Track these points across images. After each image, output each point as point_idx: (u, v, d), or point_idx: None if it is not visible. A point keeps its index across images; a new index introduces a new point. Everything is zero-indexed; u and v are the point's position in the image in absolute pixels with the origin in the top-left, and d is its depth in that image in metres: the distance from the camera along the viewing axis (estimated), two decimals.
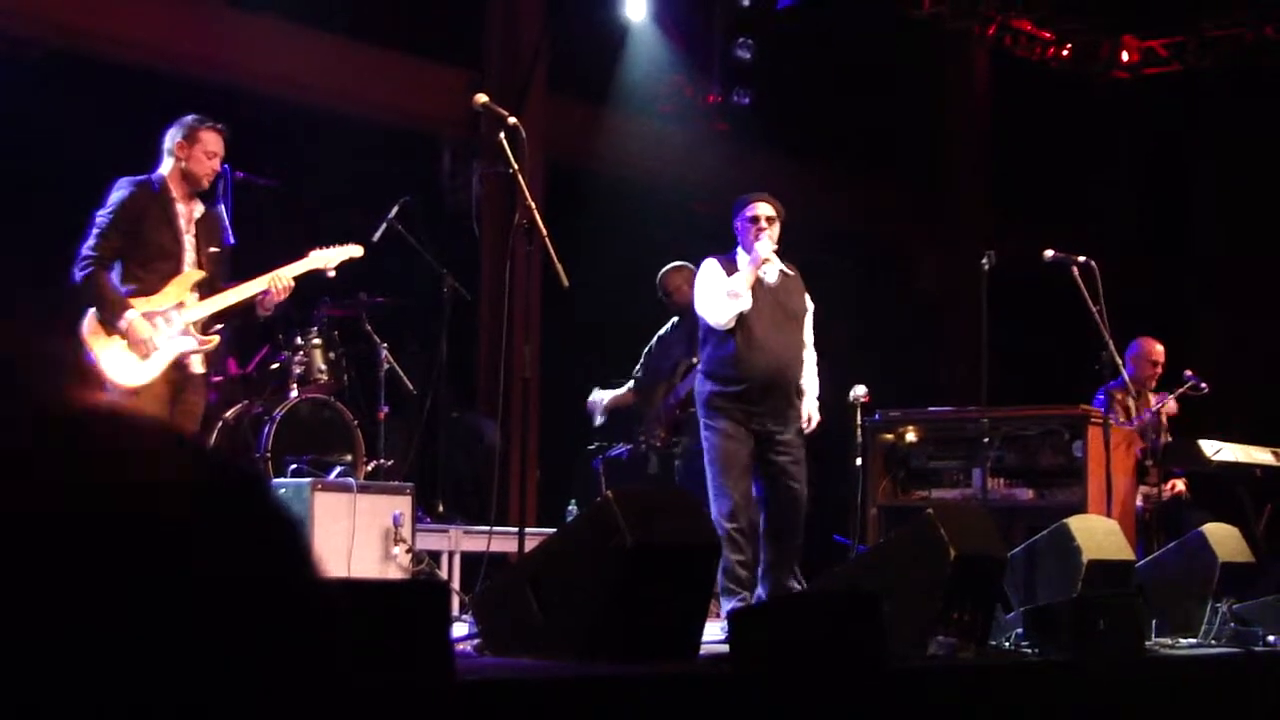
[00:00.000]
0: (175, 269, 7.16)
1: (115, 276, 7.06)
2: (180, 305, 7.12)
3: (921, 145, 15.68)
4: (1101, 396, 10.06)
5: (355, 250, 7.75)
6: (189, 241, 7.24)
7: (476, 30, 12.18)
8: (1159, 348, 10.35)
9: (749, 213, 7.71)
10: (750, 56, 13.08)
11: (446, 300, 9.31)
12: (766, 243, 7.59)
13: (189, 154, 7.25)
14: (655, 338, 9.66)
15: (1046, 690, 5.65)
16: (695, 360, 8.99)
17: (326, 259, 7.64)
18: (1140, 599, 6.57)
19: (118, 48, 10.10)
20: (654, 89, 13.20)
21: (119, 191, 7.11)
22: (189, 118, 7.34)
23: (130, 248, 7.09)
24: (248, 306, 7.37)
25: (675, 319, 9.53)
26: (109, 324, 6.98)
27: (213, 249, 7.32)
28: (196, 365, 7.22)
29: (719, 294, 7.54)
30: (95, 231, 7.03)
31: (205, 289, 7.22)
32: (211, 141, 7.32)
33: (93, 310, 7.01)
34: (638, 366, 9.70)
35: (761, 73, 13.25)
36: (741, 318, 7.51)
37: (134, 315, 6.97)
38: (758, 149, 13.79)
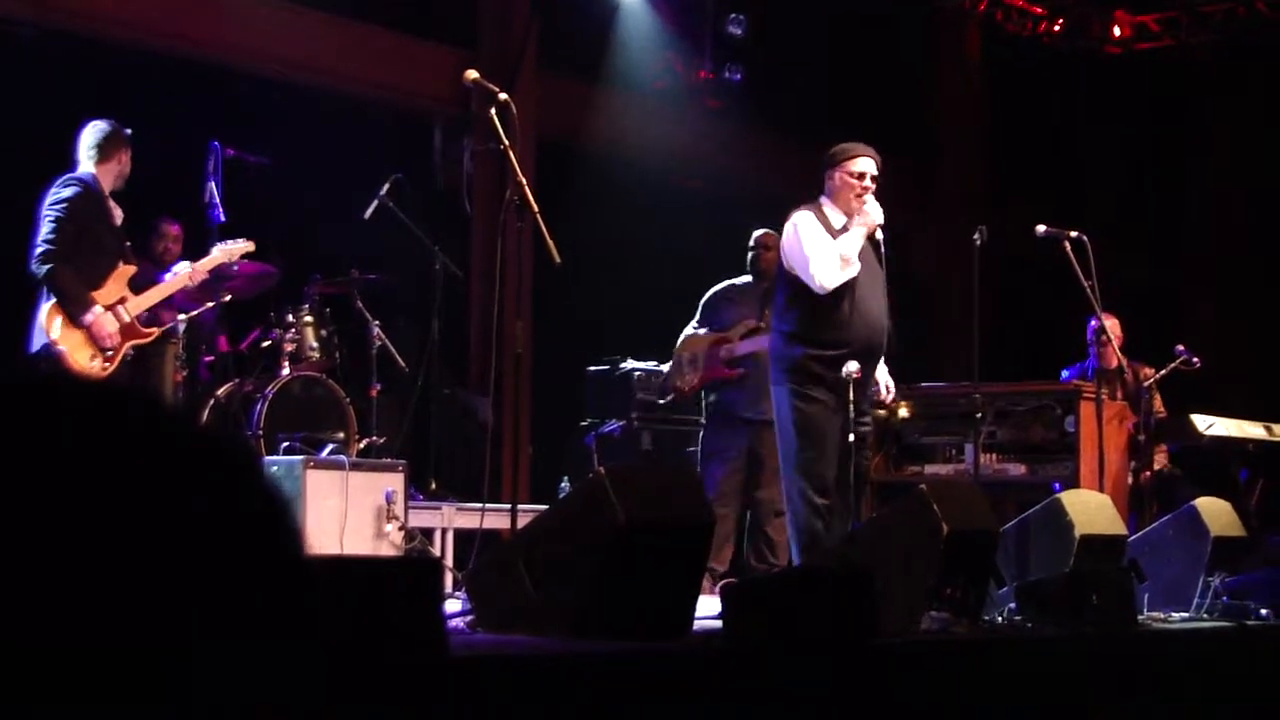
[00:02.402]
0: (114, 265, 7.49)
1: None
2: (123, 300, 7.47)
3: (914, 121, 15.66)
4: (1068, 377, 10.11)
5: (248, 245, 8.08)
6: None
7: (468, 7, 12.15)
8: (1108, 322, 10.37)
9: (854, 167, 7.22)
10: (742, 32, 13.05)
11: (438, 277, 9.31)
12: (877, 206, 7.16)
13: (125, 159, 7.60)
14: (724, 286, 9.14)
15: (1039, 665, 5.65)
16: (761, 324, 8.63)
17: (229, 253, 8.01)
18: (1132, 573, 6.58)
19: (109, 26, 10.07)
20: (645, 65, 13.17)
21: (68, 189, 7.36)
22: (114, 123, 7.62)
23: (79, 244, 7.34)
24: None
25: (751, 277, 9.11)
26: (73, 317, 7.28)
27: (126, 243, 7.68)
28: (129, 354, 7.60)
29: (830, 256, 7.04)
30: (51, 226, 7.26)
31: (136, 283, 7.58)
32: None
33: (51, 302, 7.27)
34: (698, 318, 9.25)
35: (753, 49, 13.23)
36: (848, 281, 7.12)
37: (99, 311, 7.33)
38: (750, 125, 13.79)
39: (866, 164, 7.26)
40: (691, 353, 8.91)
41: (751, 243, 9.07)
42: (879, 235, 7.27)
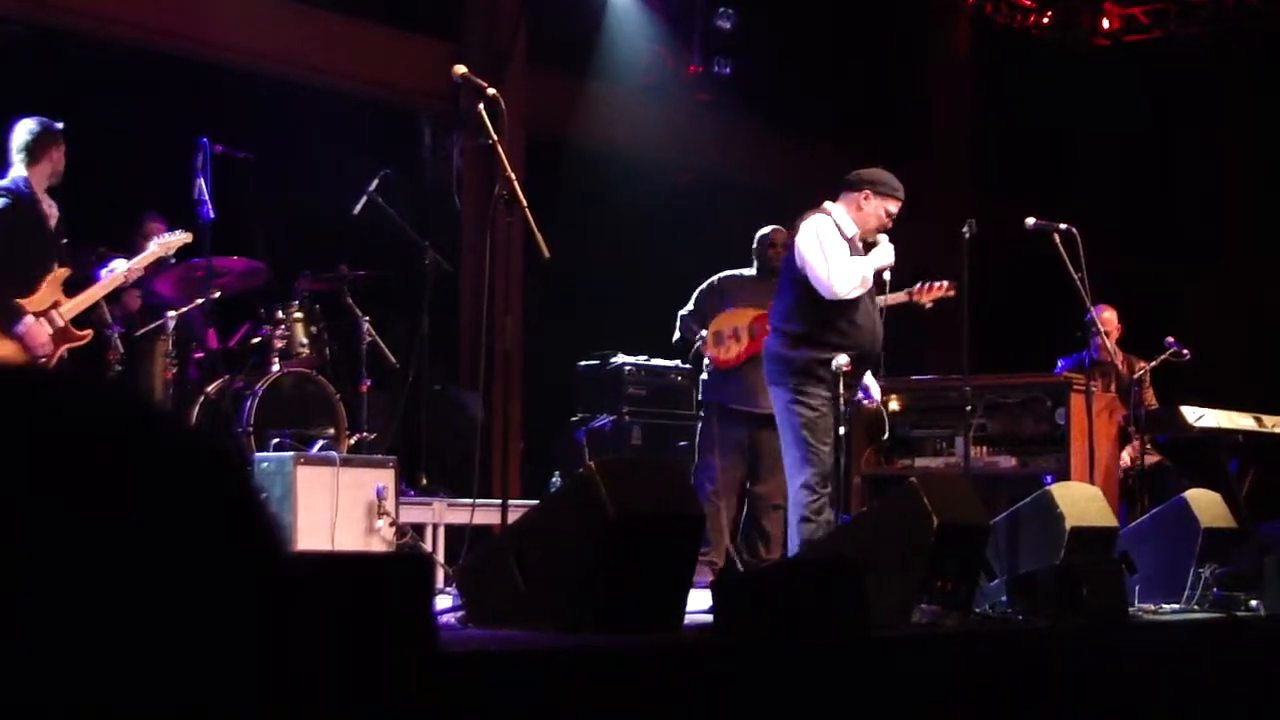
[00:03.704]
0: (48, 269, 7.44)
1: None
2: (56, 304, 7.43)
3: (904, 114, 15.67)
4: (1062, 365, 10.12)
5: (186, 237, 8.04)
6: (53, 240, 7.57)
7: (456, 2, 12.14)
8: (1105, 314, 10.36)
9: (893, 208, 7.56)
10: (731, 26, 13.04)
11: (428, 273, 9.29)
12: (891, 248, 7.52)
13: (58, 156, 7.49)
14: (727, 275, 9.11)
15: (1030, 657, 5.66)
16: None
17: (166, 245, 7.97)
18: (1123, 565, 6.58)
19: (96, 23, 10.05)
20: (634, 60, 13.16)
21: None
22: (45, 120, 7.54)
23: (9, 254, 7.30)
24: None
25: (755, 271, 9.06)
26: (4, 329, 7.27)
27: (63, 241, 7.62)
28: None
29: (853, 270, 7.33)
30: None
31: (71, 285, 7.55)
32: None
33: None
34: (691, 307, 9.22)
35: (742, 43, 13.22)
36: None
37: (31, 321, 7.31)
38: (739, 119, 13.77)
39: (899, 206, 7.61)
40: (733, 327, 8.91)
41: (761, 239, 9.08)
42: (886, 275, 7.58)
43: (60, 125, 7.54)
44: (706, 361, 9.05)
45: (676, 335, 9.21)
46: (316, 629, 1.07)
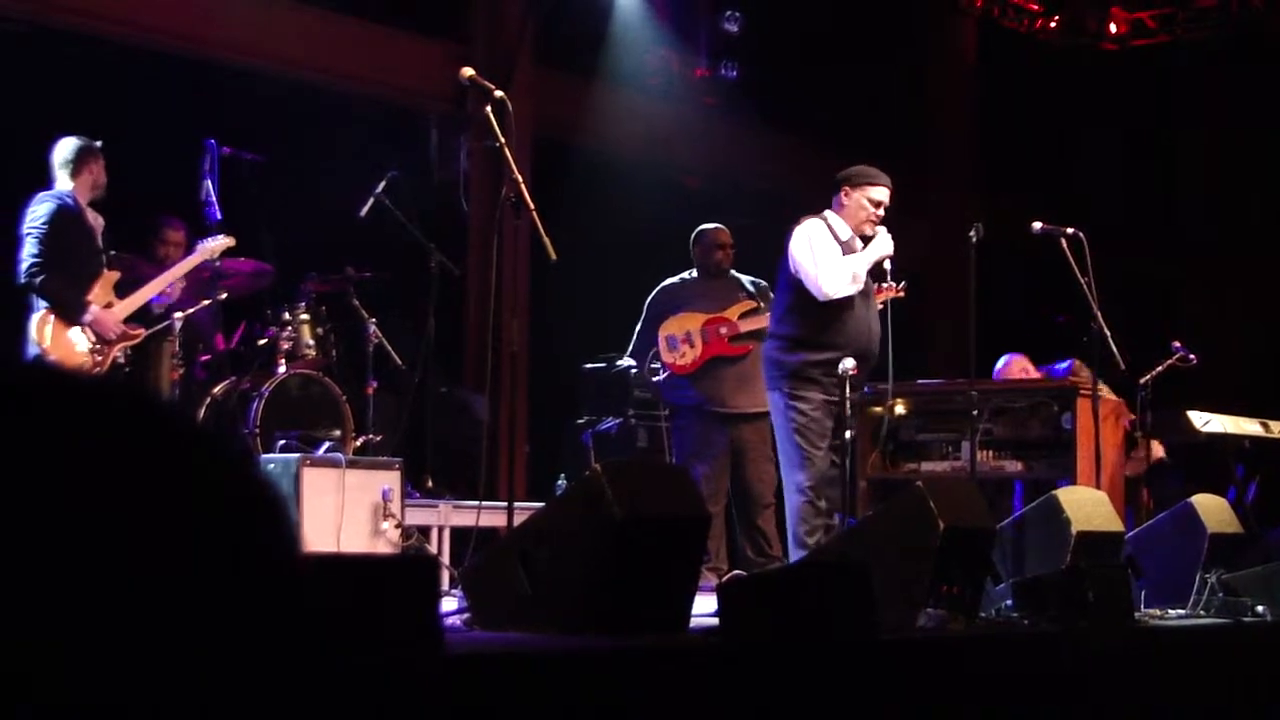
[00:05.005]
0: (98, 272, 7.77)
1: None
2: (110, 305, 7.75)
3: (909, 117, 15.66)
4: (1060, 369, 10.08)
5: (229, 241, 8.22)
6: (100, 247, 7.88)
7: (463, 4, 12.14)
8: (1017, 364, 10.26)
9: (874, 195, 7.55)
10: (737, 29, 13.05)
11: (434, 275, 9.29)
12: (889, 238, 7.54)
13: (98, 170, 7.80)
14: (673, 283, 9.16)
15: (1036, 662, 5.65)
16: (761, 304, 8.60)
17: (211, 250, 8.17)
18: (1129, 570, 6.58)
19: (103, 24, 10.05)
20: (641, 63, 13.16)
21: (44, 205, 7.60)
22: (84, 138, 7.84)
23: (62, 256, 7.58)
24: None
25: (697, 273, 9.10)
26: (73, 320, 7.58)
27: (111, 252, 7.96)
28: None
29: (843, 270, 7.41)
30: (35, 240, 7.50)
31: (120, 288, 7.88)
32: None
33: (40, 313, 7.53)
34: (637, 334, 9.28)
35: (749, 46, 13.22)
36: None
37: (96, 309, 7.63)
38: (745, 122, 13.77)
39: (884, 193, 7.58)
40: (685, 331, 8.91)
41: (704, 241, 9.11)
42: (886, 265, 7.63)
43: (99, 143, 7.82)
44: (659, 365, 9.04)
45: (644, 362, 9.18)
46: (322, 630, 1.07)
